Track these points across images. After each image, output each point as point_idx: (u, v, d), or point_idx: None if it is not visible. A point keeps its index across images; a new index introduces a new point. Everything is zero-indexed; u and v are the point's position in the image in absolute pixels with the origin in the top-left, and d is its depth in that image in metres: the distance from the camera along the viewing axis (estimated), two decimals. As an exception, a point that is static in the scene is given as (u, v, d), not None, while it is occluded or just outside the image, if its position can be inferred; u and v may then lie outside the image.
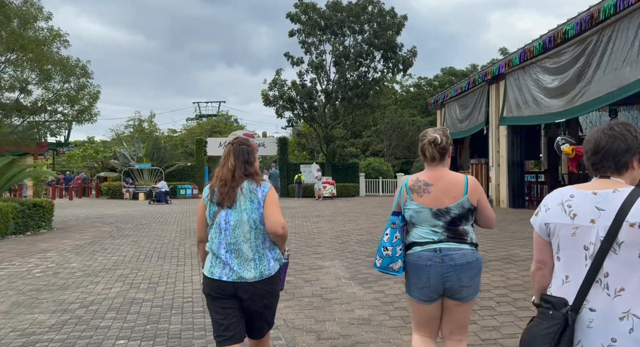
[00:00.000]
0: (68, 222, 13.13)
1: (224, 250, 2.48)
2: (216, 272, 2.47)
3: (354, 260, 7.11)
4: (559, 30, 10.23)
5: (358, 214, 14.59)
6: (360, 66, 26.75)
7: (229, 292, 2.46)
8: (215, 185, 2.56)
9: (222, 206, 2.51)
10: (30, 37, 11.42)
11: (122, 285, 5.68)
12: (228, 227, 2.49)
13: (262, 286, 2.47)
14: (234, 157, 2.57)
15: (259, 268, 2.47)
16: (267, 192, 2.57)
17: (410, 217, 2.59)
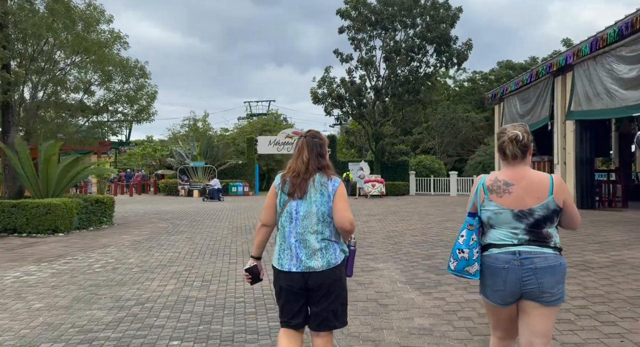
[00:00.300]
0: (128, 218, 13.67)
1: (294, 239, 2.56)
2: (285, 264, 2.57)
3: (409, 263, 6.77)
4: (638, 15, 9.28)
5: (410, 213, 14.13)
6: (411, 61, 26.05)
7: (299, 284, 2.54)
8: (288, 175, 2.62)
9: (292, 196, 2.57)
10: (93, 39, 11.95)
11: (177, 282, 5.71)
12: (298, 217, 2.56)
13: (329, 274, 2.54)
14: (307, 150, 2.63)
15: (326, 257, 2.54)
16: (337, 186, 2.61)
17: (488, 218, 2.46)
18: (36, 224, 9.64)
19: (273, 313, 4.48)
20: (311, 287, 2.55)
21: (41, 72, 11.79)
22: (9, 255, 7.53)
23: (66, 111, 12.55)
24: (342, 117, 28.38)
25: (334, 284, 2.57)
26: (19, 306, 4.63)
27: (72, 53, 12.13)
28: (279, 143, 27.30)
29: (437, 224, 11.26)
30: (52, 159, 10.47)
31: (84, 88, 12.65)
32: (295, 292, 2.57)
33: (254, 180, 27.46)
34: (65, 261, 7.01)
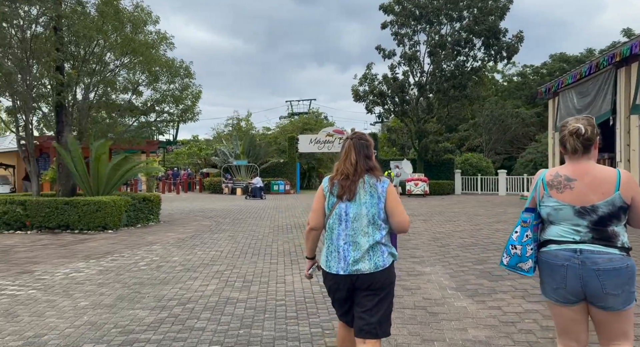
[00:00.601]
0: (174, 215, 13.96)
1: (343, 241, 2.55)
2: (333, 267, 2.55)
3: (459, 267, 6.39)
4: None
5: (456, 214, 13.55)
6: (457, 55, 25.15)
7: (347, 286, 2.54)
8: (336, 178, 2.62)
9: (341, 198, 2.57)
10: (141, 41, 12.24)
11: (218, 282, 5.64)
12: (348, 219, 2.55)
13: (377, 277, 2.52)
14: (355, 152, 2.63)
15: (373, 259, 2.52)
16: (386, 187, 2.60)
17: (548, 214, 2.39)
18: (87, 221, 9.98)
19: (314, 318, 4.29)
20: (358, 288, 2.55)
21: (92, 74, 12.22)
22: (62, 251, 7.79)
23: (116, 111, 12.96)
24: (384, 114, 27.83)
25: (381, 288, 2.55)
26: (66, 303, 4.69)
27: (121, 55, 12.50)
28: (320, 142, 27.18)
29: (487, 225, 10.69)
30: (102, 157, 10.81)
31: (132, 89, 13.01)
32: (342, 293, 2.58)
33: (295, 178, 27.51)
34: (112, 258, 7.15)
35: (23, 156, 11.23)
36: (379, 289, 2.54)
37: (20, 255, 7.39)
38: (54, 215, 9.98)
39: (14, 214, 9.95)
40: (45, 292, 5.12)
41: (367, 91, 26.49)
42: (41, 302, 4.73)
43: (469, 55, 25.75)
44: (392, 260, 2.61)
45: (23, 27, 10.54)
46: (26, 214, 9.97)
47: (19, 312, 4.40)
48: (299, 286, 5.49)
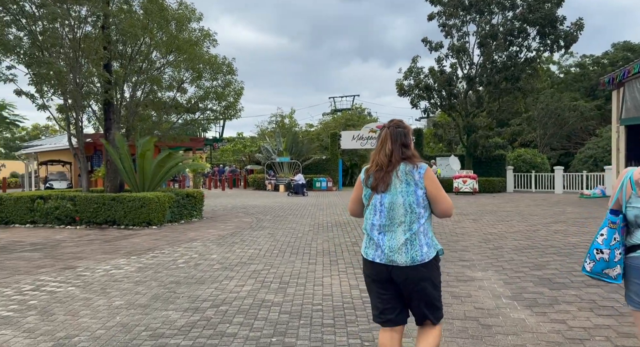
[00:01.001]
0: (217, 211, 14.06)
1: (377, 231, 2.50)
2: (370, 253, 2.52)
3: (515, 273, 5.83)
4: None
5: (509, 213, 12.73)
6: (510, 46, 23.82)
7: (384, 275, 2.48)
8: (371, 169, 2.57)
9: (376, 190, 2.52)
10: (185, 38, 12.35)
11: (254, 283, 5.43)
12: (383, 209, 2.50)
13: (414, 272, 2.43)
14: (391, 141, 2.55)
15: (410, 253, 2.43)
16: (423, 173, 2.50)
17: (636, 217, 2.27)
18: (132, 217, 10.16)
19: (353, 327, 3.96)
20: (397, 281, 2.48)
21: (139, 72, 12.46)
22: (105, 247, 7.92)
23: (162, 109, 13.17)
24: (430, 109, 26.90)
25: (420, 284, 2.46)
26: (101, 302, 4.64)
27: (166, 53, 12.67)
28: (363, 138, 26.68)
29: (544, 226, 9.90)
30: (147, 154, 10.98)
31: (176, 86, 13.17)
32: (381, 283, 2.52)
33: (337, 175, 27.19)
34: (152, 255, 7.16)
35: (73, 153, 11.63)
36: (417, 284, 2.45)
37: (66, 250, 7.57)
38: (101, 211, 10.24)
39: (65, 209, 10.30)
40: (83, 290, 5.11)
41: (413, 85, 25.69)
42: (78, 300, 4.71)
43: (523, 46, 24.33)
44: (433, 254, 2.48)
45: (73, 27, 10.87)
46: (75, 210, 10.30)
47: (55, 310, 4.38)
48: (337, 289, 5.18)
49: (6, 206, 10.56)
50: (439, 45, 25.45)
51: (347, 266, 6.38)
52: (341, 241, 8.45)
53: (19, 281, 5.50)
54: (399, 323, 2.57)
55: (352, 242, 8.30)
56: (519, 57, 24.34)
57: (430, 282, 2.48)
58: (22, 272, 5.95)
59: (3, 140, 48.53)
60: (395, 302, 2.53)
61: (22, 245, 8.03)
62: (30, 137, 48.16)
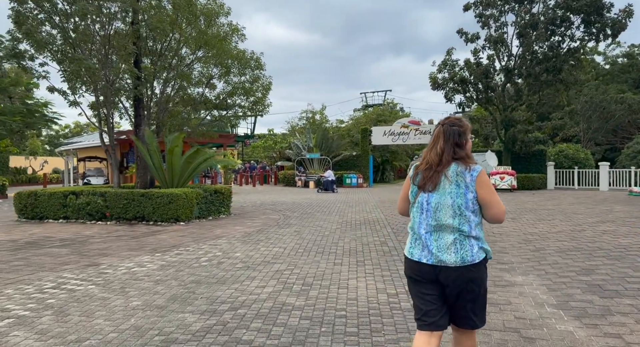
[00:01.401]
0: (245, 208, 13.98)
1: (424, 231, 2.44)
2: (416, 254, 2.45)
3: (559, 277, 5.34)
4: None
5: (551, 211, 11.99)
6: (552, 35, 22.62)
7: (430, 276, 2.41)
8: (421, 167, 2.51)
9: (423, 189, 2.46)
10: (213, 33, 12.26)
11: (276, 284, 5.19)
12: (430, 209, 2.43)
13: (464, 272, 2.36)
14: (443, 139, 2.49)
15: (460, 253, 2.36)
16: (476, 176, 2.40)
17: None
18: (161, 213, 10.16)
19: (379, 337, 3.64)
20: (444, 283, 2.39)
21: (169, 68, 12.48)
22: (132, 243, 7.89)
23: (191, 105, 13.17)
24: (465, 103, 25.96)
25: (469, 285, 2.37)
26: (118, 303, 4.51)
27: (196, 48, 12.64)
28: (394, 133, 26.08)
29: (591, 226, 9.21)
30: (175, 150, 10.97)
31: (205, 82, 13.13)
32: (425, 284, 2.43)
33: (368, 171, 26.73)
34: (177, 252, 7.05)
35: (105, 149, 11.78)
36: (466, 285, 2.36)
37: (93, 246, 7.58)
38: (131, 207, 10.30)
39: (96, 205, 10.42)
40: (103, 288, 5.01)
41: (447, 78, 24.87)
42: (95, 299, 4.60)
43: (565, 35, 23.06)
44: (483, 256, 2.40)
45: (104, 24, 10.96)
46: (106, 206, 10.40)
47: (71, 310, 4.27)
48: (363, 292, 4.86)
49: (40, 202, 10.81)
50: (475, 36, 24.50)
51: (374, 267, 6.05)
52: (369, 240, 8.11)
53: (41, 277, 5.48)
54: (440, 327, 2.43)
55: (381, 241, 7.94)
56: (561, 47, 23.09)
57: (479, 284, 2.39)
58: (47, 268, 5.95)
59: (48, 138, 50.73)
60: (439, 304, 2.44)
61: (52, 241, 8.13)
62: (73, 134, 50.09)
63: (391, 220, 10.75)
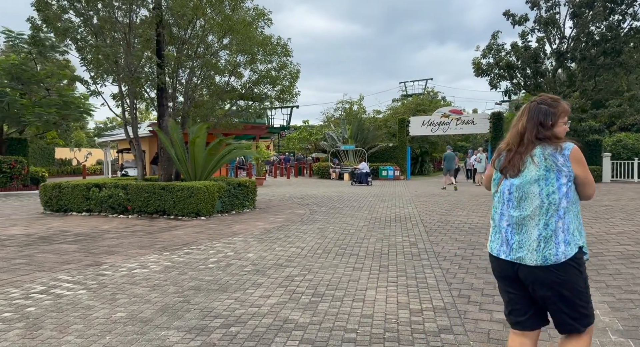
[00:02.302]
0: (272, 202, 13.48)
1: (506, 222, 2.20)
2: (495, 248, 2.26)
3: (625, 293, 4.40)
4: None
5: (609, 208, 10.69)
6: (610, 14, 20.60)
7: (509, 273, 2.20)
8: (502, 148, 2.28)
9: (504, 174, 2.21)
10: (238, 19, 11.70)
11: (283, 293, 4.56)
12: (512, 198, 2.17)
13: (544, 274, 2.07)
14: (527, 117, 2.21)
15: (542, 252, 2.07)
16: (569, 154, 2.07)
17: None
18: (181, 207, 9.79)
19: (392, 374, 2.91)
20: (525, 282, 2.16)
21: (193, 57, 12.08)
22: (144, 240, 7.51)
23: (217, 94, 12.75)
24: (512, 90, 24.28)
25: (553, 288, 2.07)
26: (101, 313, 4.02)
27: (221, 35, 12.15)
28: (434, 123, 24.80)
29: (658, 228, 7.98)
30: (197, 141, 10.57)
31: (230, 70, 12.65)
32: (508, 282, 2.24)
33: (405, 163, 25.63)
34: (187, 251, 6.58)
35: (129, 140, 11.56)
36: (552, 288, 2.08)
37: (104, 243, 7.26)
38: (152, 200, 9.99)
39: (117, 198, 10.20)
40: (92, 294, 4.56)
41: (492, 64, 23.34)
42: (79, 309, 4.14)
43: (627, 14, 20.98)
44: (572, 253, 2.07)
45: (127, 10, 10.64)
46: (127, 199, 10.15)
47: (47, 323, 3.81)
48: (381, 307, 4.14)
49: (64, 194, 10.73)
50: (524, 18, 22.81)
51: (399, 274, 5.30)
52: (397, 240, 7.33)
53: (35, 279, 5.11)
54: (530, 328, 2.22)
55: (411, 242, 7.14)
56: (622, 27, 21.03)
57: (566, 287, 2.08)
58: (46, 268, 5.61)
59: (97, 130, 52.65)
60: (524, 303, 2.21)
61: (65, 236, 7.89)
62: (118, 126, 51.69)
63: (425, 217, 9.88)
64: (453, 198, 13.98)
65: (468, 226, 8.58)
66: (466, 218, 9.62)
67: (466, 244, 6.98)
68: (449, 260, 5.96)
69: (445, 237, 7.52)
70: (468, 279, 5.05)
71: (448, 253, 6.37)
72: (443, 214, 10.23)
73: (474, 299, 4.36)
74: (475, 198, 13.88)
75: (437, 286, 4.79)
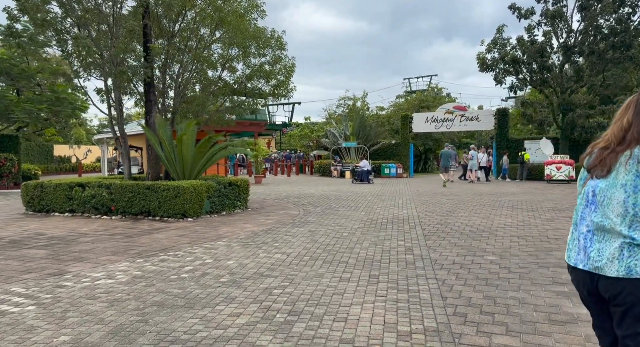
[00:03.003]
0: (266, 201, 12.98)
1: (586, 228, 1.94)
2: (572, 257, 2.01)
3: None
4: None
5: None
6: (620, 6, 19.88)
7: (588, 286, 1.93)
8: (598, 145, 1.97)
9: (591, 173, 1.95)
10: (231, 9, 11.17)
11: (256, 310, 4.04)
12: (595, 201, 1.91)
13: (628, 286, 1.79)
14: (634, 111, 1.88)
15: (626, 262, 1.80)
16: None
17: None
18: (167, 207, 9.31)
19: None
20: (604, 296, 1.88)
21: (183, 50, 11.57)
22: (121, 244, 7.03)
23: (208, 89, 12.24)
24: (518, 85, 23.61)
25: (635, 303, 1.78)
26: (41, 337, 3.51)
27: (213, 28, 11.62)
28: (437, 120, 24.18)
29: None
30: (184, 138, 10.07)
31: (223, 64, 12.12)
32: (589, 295, 1.96)
33: (408, 161, 25.04)
34: (162, 258, 6.08)
35: (115, 137, 11.08)
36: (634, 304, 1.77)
37: (77, 248, 6.78)
38: (136, 200, 9.51)
39: (101, 198, 9.73)
40: (42, 311, 4.07)
41: (497, 58, 22.68)
42: (18, 331, 3.64)
43: (637, 6, 20.22)
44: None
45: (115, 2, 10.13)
46: (111, 199, 9.68)
47: (-25, 346, 3.33)
48: (364, 329, 3.61)
49: (46, 194, 10.27)
50: (530, 11, 22.13)
51: (389, 286, 4.77)
52: (392, 245, 6.80)
53: (-16, 291, 4.64)
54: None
55: (406, 247, 6.61)
56: (632, 20, 20.31)
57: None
58: (2, 278, 5.13)
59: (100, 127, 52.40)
60: (606, 322, 1.97)
61: (39, 239, 7.42)
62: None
63: (424, 218, 9.34)
64: (455, 197, 13.41)
65: (469, 229, 8.04)
66: (467, 220, 9.07)
67: (466, 249, 6.44)
68: (446, 269, 5.43)
69: (444, 242, 6.98)
70: (466, 293, 4.52)
71: (446, 260, 5.84)
72: (443, 215, 9.68)
73: (472, 318, 3.83)
74: (479, 197, 13.31)
75: (431, 302, 4.27)
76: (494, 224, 8.57)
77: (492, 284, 4.81)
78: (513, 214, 9.83)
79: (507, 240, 7.10)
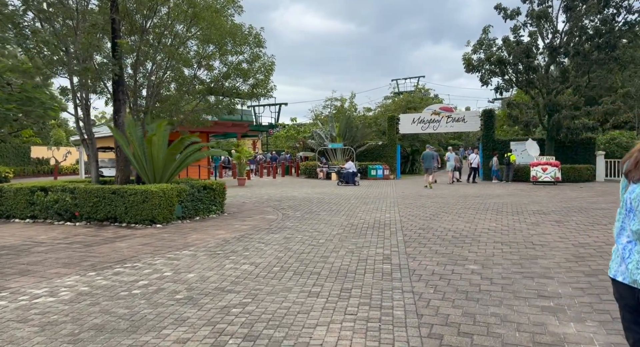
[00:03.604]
0: (245, 205, 12.47)
1: (626, 238, 1.87)
2: (613, 268, 1.94)
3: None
4: None
5: (606, 211, 9.81)
6: (605, 7, 19.77)
7: (629, 301, 1.84)
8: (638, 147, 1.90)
9: (628, 178, 1.90)
10: (205, 5, 10.67)
11: (207, 335, 3.57)
12: (633, 209, 1.81)
13: None
14: None
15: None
16: None
17: None
18: (134, 213, 8.76)
19: None
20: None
21: (157, 47, 11.03)
22: (75, 255, 6.48)
23: (183, 89, 11.71)
24: (504, 86, 23.39)
25: None
26: (-56, 370, 3.01)
27: (187, 24, 11.10)
28: (424, 121, 23.89)
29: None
30: (153, 139, 9.53)
31: (198, 61, 11.60)
32: (630, 311, 1.85)
33: (395, 162, 24.71)
34: (117, 270, 5.56)
35: (82, 139, 10.50)
36: None
37: (26, 259, 6.22)
38: (101, 205, 8.95)
39: (64, 203, 9.15)
40: (-42, 337, 3.55)
41: (483, 59, 22.43)
42: None
43: (621, 7, 20.16)
44: None
45: None
46: (75, 204, 9.10)
47: None
48: (327, 359, 3.16)
49: (6, 199, 9.65)
50: (516, 12, 21.95)
51: (361, 301, 4.33)
52: (370, 253, 6.37)
53: None
54: None
55: (384, 255, 6.18)
56: (616, 20, 20.23)
57: None
58: None
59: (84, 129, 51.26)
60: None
61: (-13, 249, 6.85)
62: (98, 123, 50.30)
63: (406, 223, 8.93)
64: (440, 200, 13.06)
65: (452, 235, 7.65)
66: (451, 224, 8.68)
67: (447, 257, 6.04)
68: (424, 280, 5.01)
69: (425, 249, 6.58)
70: (443, 309, 4.10)
71: (425, 270, 5.42)
72: (426, 220, 9.28)
73: (448, 341, 3.41)
74: (464, 200, 12.97)
75: (405, 320, 3.84)
76: (478, 228, 8.20)
77: (472, 298, 4.41)
78: (498, 217, 9.48)
79: (490, 246, 6.72)
